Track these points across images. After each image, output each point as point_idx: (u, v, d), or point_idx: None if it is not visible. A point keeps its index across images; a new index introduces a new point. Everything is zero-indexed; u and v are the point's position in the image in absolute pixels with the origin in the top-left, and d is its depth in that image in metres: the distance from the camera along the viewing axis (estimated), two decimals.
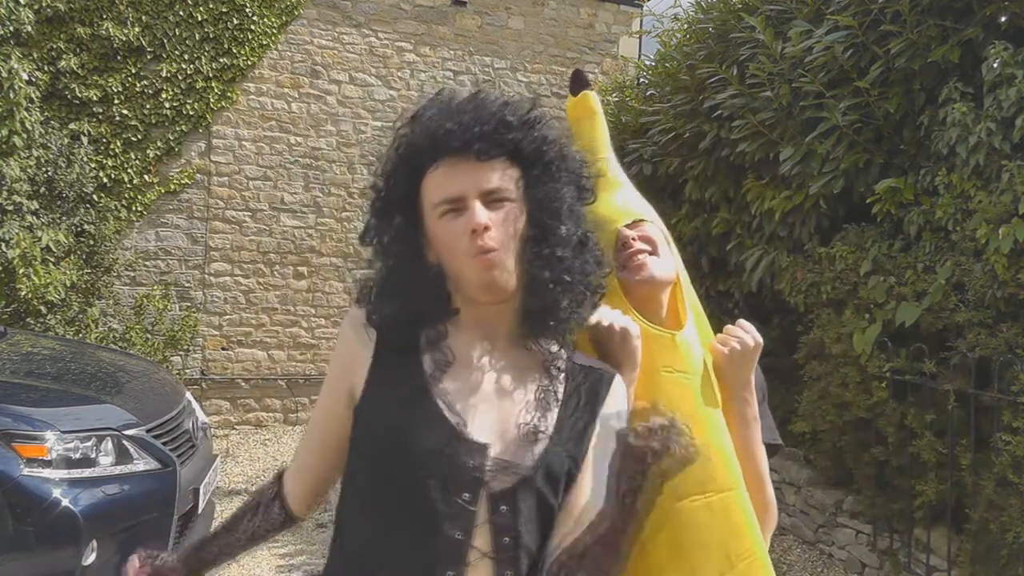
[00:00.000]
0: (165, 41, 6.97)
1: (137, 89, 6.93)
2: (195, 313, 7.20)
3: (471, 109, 1.11)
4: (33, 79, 6.18)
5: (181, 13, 7.01)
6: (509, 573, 1.07)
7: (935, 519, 3.88)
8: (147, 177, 7.07)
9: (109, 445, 3.14)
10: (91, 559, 2.94)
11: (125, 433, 3.20)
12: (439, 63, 8.09)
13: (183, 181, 7.22)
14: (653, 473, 1.01)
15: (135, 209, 7.05)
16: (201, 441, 3.79)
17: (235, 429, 7.32)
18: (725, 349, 1.35)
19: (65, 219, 6.34)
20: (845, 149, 4.41)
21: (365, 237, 1.17)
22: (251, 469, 6.22)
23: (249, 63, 7.34)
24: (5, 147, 5.61)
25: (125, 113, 6.90)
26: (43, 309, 5.91)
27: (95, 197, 6.67)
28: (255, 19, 7.29)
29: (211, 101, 7.20)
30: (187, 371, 7.16)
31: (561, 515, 1.12)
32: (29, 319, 5.88)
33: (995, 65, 3.63)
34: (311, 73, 7.65)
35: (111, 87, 6.82)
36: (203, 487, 3.56)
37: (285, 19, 7.48)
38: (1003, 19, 3.89)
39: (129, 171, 6.96)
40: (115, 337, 6.50)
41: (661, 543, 1.25)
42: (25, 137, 5.74)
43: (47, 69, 6.57)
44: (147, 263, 7.15)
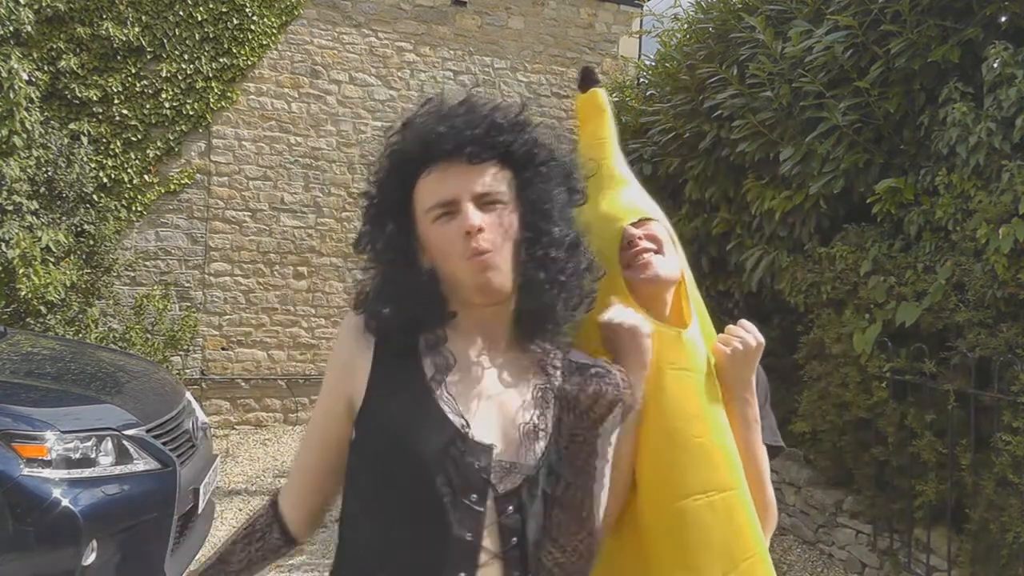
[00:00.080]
0: (165, 41, 6.97)
1: (137, 89, 6.93)
2: (195, 313, 7.20)
3: (462, 113, 1.12)
4: (33, 79, 6.18)
5: (181, 13, 7.01)
6: (516, 574, 1.07)
7: (935, 519, 3.88)
8: (147, 177, 7.07)
9: (109, 445, 3.14)
10: (91, 559, 2.93)
11: (125, 433, 3.20)
12: (439, 63, 8.09)
13: (183, 181, 7.22)
14: (591, 420, 1.03)
15: (135, 209, 7.05)
16: (201, 441, 3.79)
17: (235, 429, 7.32)
18: (727, 349, 1.35)
19: (65, 219, 6.34)
20: (845, 149, 4.41)
21: (359, 244, 1.18)
22: (251, 469, 6.22)
23: (249, 63, 7.34)
24: (5, 147, 5.61)
25: (125, 113, 6.90)
26: (43, 309, 5.91)
27: (95, 197, 6.67)
28: (255, 19, 7.29)
29: (211, 101, 7.20)
30: (187, 371, 7.16)
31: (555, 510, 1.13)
32: (29, 319, 5.88)
33: (995, 65, 3.63)
34: (311, 73, 7.65)
35: (111, 87, 6.82)
36: (203, 487, 3.55)
37: (285, 19, 7.48)
38: (1003, 19, 3.89)
39: (129, 171, 6.96)
40: (115, 337, 6.50)
41: (664, 542, 1.25)
42: (25, 137, 5.74)
43: (47, 69, 6.57)
44: (147, 263, 7.15)
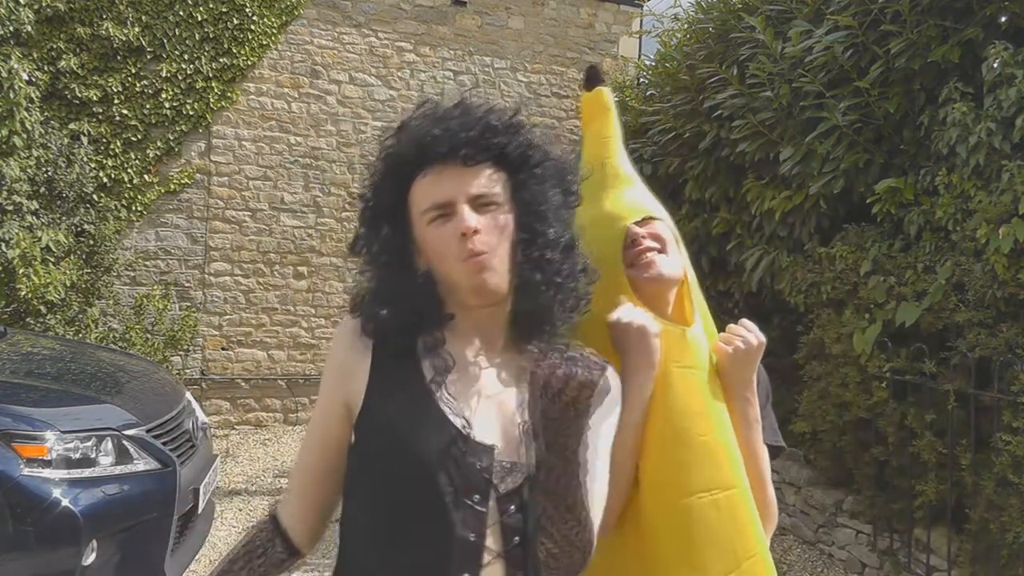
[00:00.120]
0: (165, 41, 6.97)
1: (137, 89, 6.93)
2: (195, 313, 7.20)
3: (457, 116, 1.13)
4: (33, 79, 6.18)
5: (181, 13, 7.01)
6: (520, 574, 1.07)
7: (935, 519, 3.89)
8: (147, 177, 7.07)
9: (109, 445, 3.14)
10: (91, 559, 2.93)
11: (125, 433, 3.19)
12: (439, 63, 8.08)
13: (183, 181, 7.22)
14: (563, 402, 1.03)
15: (135, 209, 7.05)
16: (201, 441, 3.78)
17: (235, 429, 7.32)
18: (729, 348, 1.35)
19: (65, 219, 6.34)
20: (845, 149, 4.41)
21: (355, 247, 1.18)
22: (251, 469, 6.22)
23: (249, 63, 7.34)
24: (5, 147, 5.61)
25: (125, 113, 6.89)
26: (43, 309, 5.90)
27: (95, 197, 6.66)
28: (255, 19, 7.29)
29: (211, 101, 7.20)
30: (187, 371, 7.15)
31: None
32: (29, 319, 5.88)
33: (995, 65, 3.63)
34: (311, 73, 7.65)
35: (111, 87, 6.81)
36: (203, 487, 3.55)
37: (285, 19, 7.48)
38: (1003, 19, 3.89)
39: (129, 171, 6.95)
40: (115, 337, 6.50)
41: (668, 539, 1.25)
42: (25, 137, 5.74)
43: (47, 69, 6.57)
44: (147, 263, 7.15)
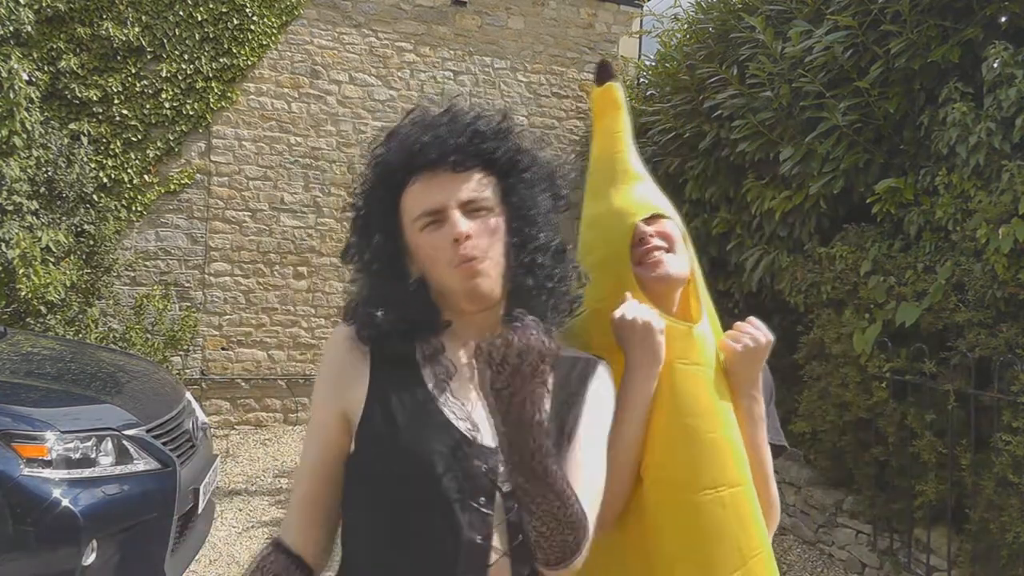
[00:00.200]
0: (165, 41, 6.97)
1: (137, 89, 6.92)
2: (195, 313, 7.19)
3: (445, 122, 1.14)
4: (33, 79, 6.17)
5: (181, 13, 7.01)
6: (525, 571, 1.08)
7: (935, 519, 3.89)
8: (147, 177, 7.07)
9: (109, 445, 3.13)
10: (91, 559, 2.93)
11: (125, 433, 3.19)
12: (439, 63, 8.08)
13: (183, 181, 7.21)
14: (509, 369, 0.97)
15: (135, 209, 7.04)
16: (201, 441, 3.78)
17: (235, 429, 7.31)
18: (738, 346, 1.35)
19: (65, 219, 6.33)
20: (845, 149, 4.41)
21: (347, 256, 1.18)
22: (251, 469, 6.22)
23: (249, 63, 7.34)
24: (5, 147, 5.60)
25: (125, 113, 6.89)
26: (43, 309, 5.90)
27: (95, 197, 6.66)
28: (255, 19, 7.28)
29: (211, 101, 7.19)
30: (187, 371, 7.15)
31: None
32: (29, 319, 5.88)
33: (995, 65, 3.63)
34: (311, 73, 7.65)
35: (111, 87, 6.81)
36: (203, 487, 3.55)
37: (285, 19, 7.47)
38: (1003, 19, 3.89)
39: (129, 171, 6.95)
40: (115, 337, 6.50)
41: (673, 536, 1.25)
42: (25, 137, 5.73)
43: (47, 69, 6.56)
44: (147, 263, 7.15)
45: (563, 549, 1.04)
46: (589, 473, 1.12)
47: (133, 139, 6.95)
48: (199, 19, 7.05)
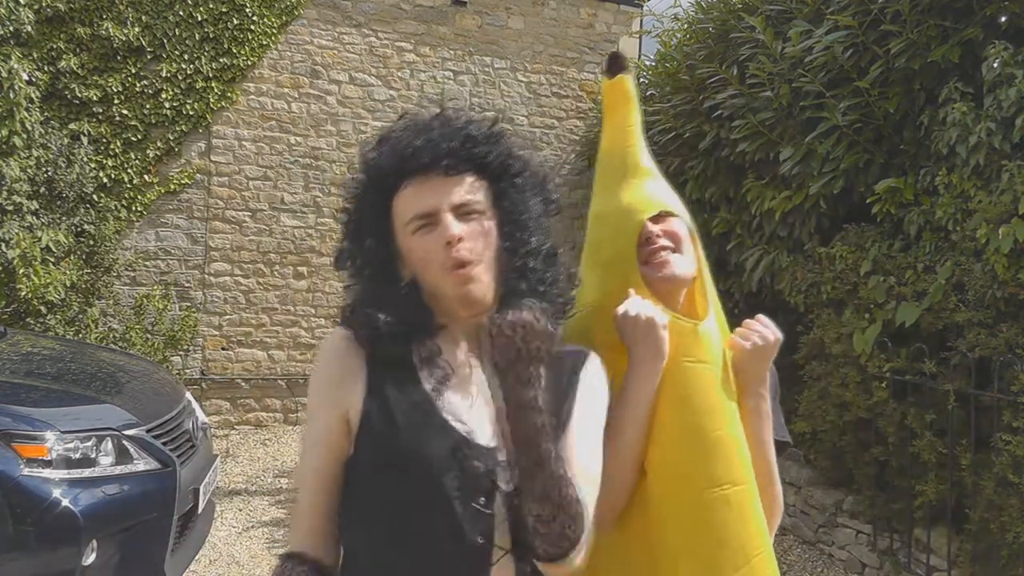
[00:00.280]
0: (165, 41, 6.97)
1: (137, 89, 6.92)
2: (195, 313, 7.19)
3: (437, 127, 1.15)
4: (33, 79, 6.17)
5: (181, 13, 7.01)
6: (528, 569, 1.08)
7: (935, 519, 3.89)
8: (147, 177, 7.07)
9: (109, 445, 3.13)
10: (91, 559, 2.93)
11: (125, 433, 3.19)
12: (439, 63, 8.08)
13: (183, 181, 7.21)
14: (515, 346, 1.02)
15: (135, 209, 7.04)
16: (201, 441, 3.78)
17: (235, 429, 7.31)
18: (747, 344, 1.35)
19: (65, 219, 6.33)
20: (845, 149, 4.41)
21: (339, 261, 1.19)
22: (251, 469, 6.22)
23: (249, 63, 7.34)
24: (5, 147, 5.60)
25: (125, 113, 6.89)
26: (43, 309, 5.90)
27: (95, 197, 6.66)
28: (255, 19, 7.28)
29: (211, 101, 7.19)
30: (187, 371, 7.15)
31: None
32: (29, 319, 5.88)
33: (995, 65, 3.63)
34: (311, 73, 7.64)
35: (111, 87, 6.81)
36: (203, 487, 3.55)
37: (285, 19, 7.47)
38: (1003, 19, 3.89)
39: (129, 171, 6.95)
40: (115, 337, 6.50)
41: (677, 532, 1.24)
42: (25, 137, 5.73)
43: (47, 69, 6.56)
44: (147, 263, 7.15)
45: (562, 539, 1.04)
46: (583, 464, 1.12)
47: (133, 139, 6.95)
48: (199, 19, 7.05)
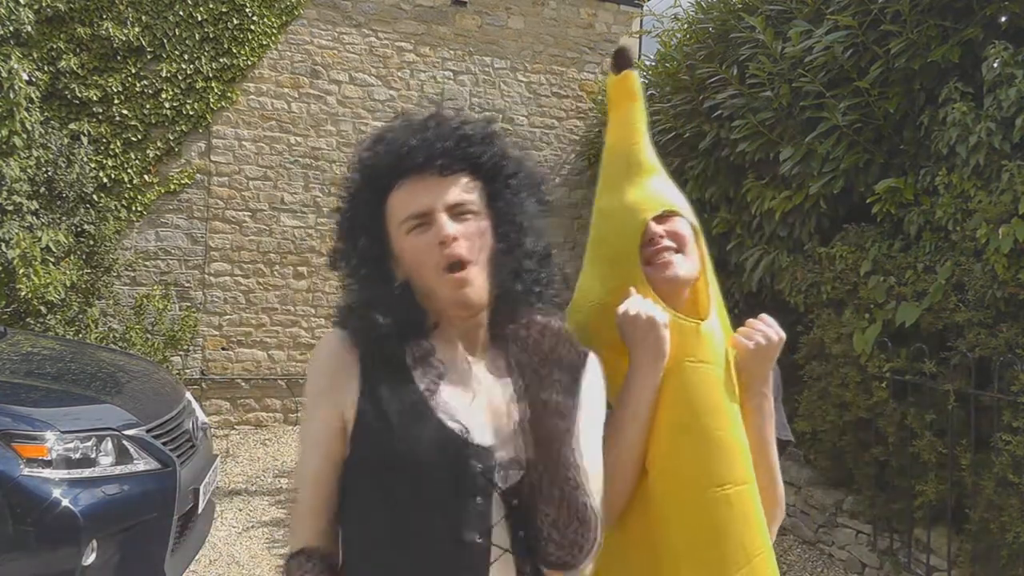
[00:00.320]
0: (165, 41, 6.97)
1: (137, 89, 6.92)
2: (195, 313, 7.19)
3: (432, 127, 1.15)
4: (33, 79, 6.17)
5: (181, 13, 7.01)
6: (527, 568, 1.09)
7: (935, 519, 3.89)
8: (147, 177, 7.07)
9: (109, 445, 3.14)
10: (91, 559, 2.93)
11: (125, 433, 3.19)
12: (439, 63, 8.08)
13: (183, 181, 7.21)
14: (541, 349, 1.06)
15: (135, 209, 7.04)
16: (201, 441, 3.78)
17: (235, 429, 7.31)
18: (750, 343, 1.34)
19: (65, 219, 6.33)
20: (845, 149, 4.41)
21: (334, 262, 1.19)
22: (251, 469, 6.22)
23: (249, 63, 7.34)
24: (5, 147, 5.60)
25: (125, 113, 6.89)
26: (43, 309, 5.90)
27: (95, 197, 6.66)
28: (255, 19, 7.28)
29: (211, 101, 7.19)
30: (187, 371, 7.15)
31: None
32: (29, 319, 5.88)
33: (995, 65, 3.63)
34: (311, 73, 7.64)
35: (111, 87, 6.81)
36: (203, 487, 3.55)
37: (285, 19, 7.47)
38: (1003, 19, 3.89)
39: (129, 171, 6.95)
40: (115, 337, 6.50)
41: (679, 531, 1.24)
42: (25, 137, 5.73)
43: (47, 69, 6.56)
44: (147, 263, 7.15)
45: (574, 546, 1.06)
46: (591, 470, 1.13)
47: (133, 139, 6.95)
48: (199, 19, 7.04)
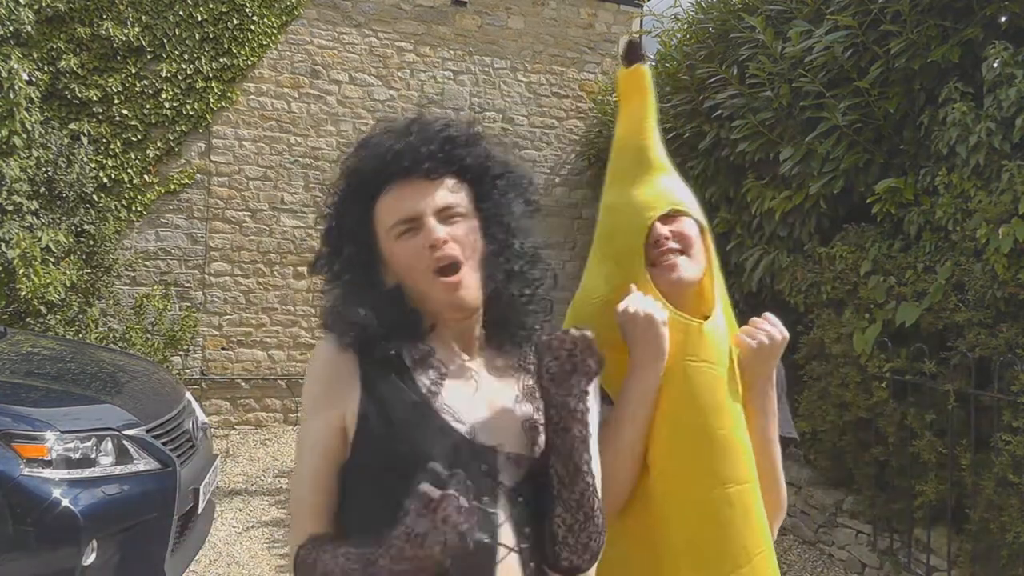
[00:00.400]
0: (165, 41, 6.96)
1: (137, 89, 6.92)
2: (195, 313, 7.19)
3: (416, 131, 1.15)
4: (33, 79, 6.17)
5: (181, 13, 7.01)
6: (532, 564, 1.09)
7: (935, 519, 3.89)
8: (147, 177, 7.07)
9: (109, 445, 3.13)
10: (91, 559, 2.93)
11: (125, 433, 3.19)
12: (439, 63, 8.08)
13: (183, 181, 7.21)
14: (563, 356, 1.08)
15: (135, 209, 7.04)
16: (201, 441, 3.78)
17: (235, 429, 7.31)
18: (753, 343, 1.34)
19: (65, 219, 6.33)
20: (845, 149, 4.41)
21: (316, 266, 1.19)
22: (251, 469, 6.22)
23: (249, 63, 7.34)
24: (5, 147, 5.60)
25: (125, 113, 6.89)
26: (43, 309, 5.90)
27: (95, 197, 6.66)
28: (255, 19, 7.28)
29: (211, 101, 7.19)
30: (187, 371, 7.15)
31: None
32: (29, 319, 5.88)
33: (995, 65, 3.63)
34: (311, 73, 7.64)
35: (111, 87, 6.81)
36: (203, 487, 3.55)
37: (285, 19, 7.47)
38: (1003, 19, 3.89)
39: (129, 171, 6.95)
40: (115, 337, 6.50)
41: (680, 530, 1.25)
42: (25, 137, 5.73)
43: (47, 69, 6.56)
44: (147, 263, 7.14)
45: (586, 550, 1.09)
46: (595, 473, 1.14)
47: (133, 139, 6.95)
48: (199, 19, 7.04)
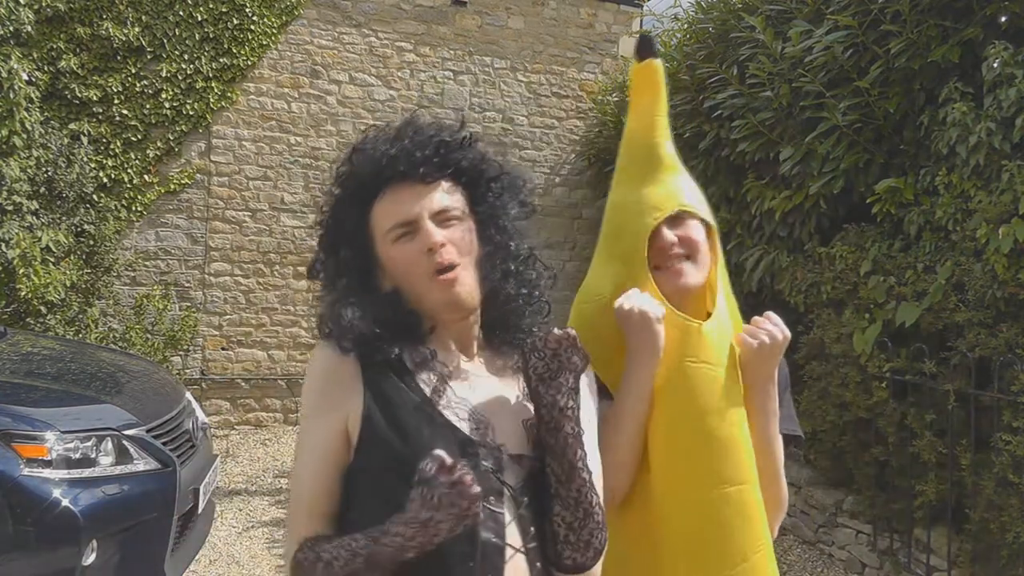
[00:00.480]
0: (165, 41, 6.96)
1: (137, 89, 6.92)
2: (195, 313, 7.19)
3: (409, 135, 1.16)
4: (33, 79, 6.17)
5: (181, 13, 7.01)
6: (538, 565, 1.10)
7: (935, 519, 3.89)
8: (147, 177, 7.07)
9: (109, 445, 3.13)
10: (91, 559, 2.93)
11: (125, 433, 3.19)
12: (439, 63, 8.08)
13: (183, 181, 7.21)
14: (549, 355, 1.09)
15: (135, 209, 7.04)
16: (201, 441, 3.78)
17: (235, 429, 7.31)
18: (754, 342, 1.34)
19: (65, 219, 6.33)
20: (845, 149, 4.41)
21: (313, 272, 1.20)
22: (251, 469, 6.22)
23: (249, 63, 7.33)
24: (5, 147, 5.60)
25: (125, 113, 6.89)
26: (43, 309, 5.90)
27: (95, 197, 6.66)
28: (255, 19, 7.28)
29: (211, 101, 7.19)
30: (187, 371, 7.15)
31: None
32: (29, 319, 5.88)
33: (995, 65, 3.63)
34: (311, 73, 7.64)
35: (111, 87, 6.81)
36: (203, 487, 3.55)
37: (285, 19, 7.47)
38: (1003, 19, 3.89)
39: (129, 171, 6.95)
40: (115, 337, 6.50)
41: (679, 528, 1.25)
42: (25, 137, 5.73)
43: (47, 69, 6.56)
44: (147, 263, 7.14)
45: (588, 547, 1.09)
46: (595, 471, 1.14)
47: (133, 139, 6.94)
48: (199, 19, 7.04)
